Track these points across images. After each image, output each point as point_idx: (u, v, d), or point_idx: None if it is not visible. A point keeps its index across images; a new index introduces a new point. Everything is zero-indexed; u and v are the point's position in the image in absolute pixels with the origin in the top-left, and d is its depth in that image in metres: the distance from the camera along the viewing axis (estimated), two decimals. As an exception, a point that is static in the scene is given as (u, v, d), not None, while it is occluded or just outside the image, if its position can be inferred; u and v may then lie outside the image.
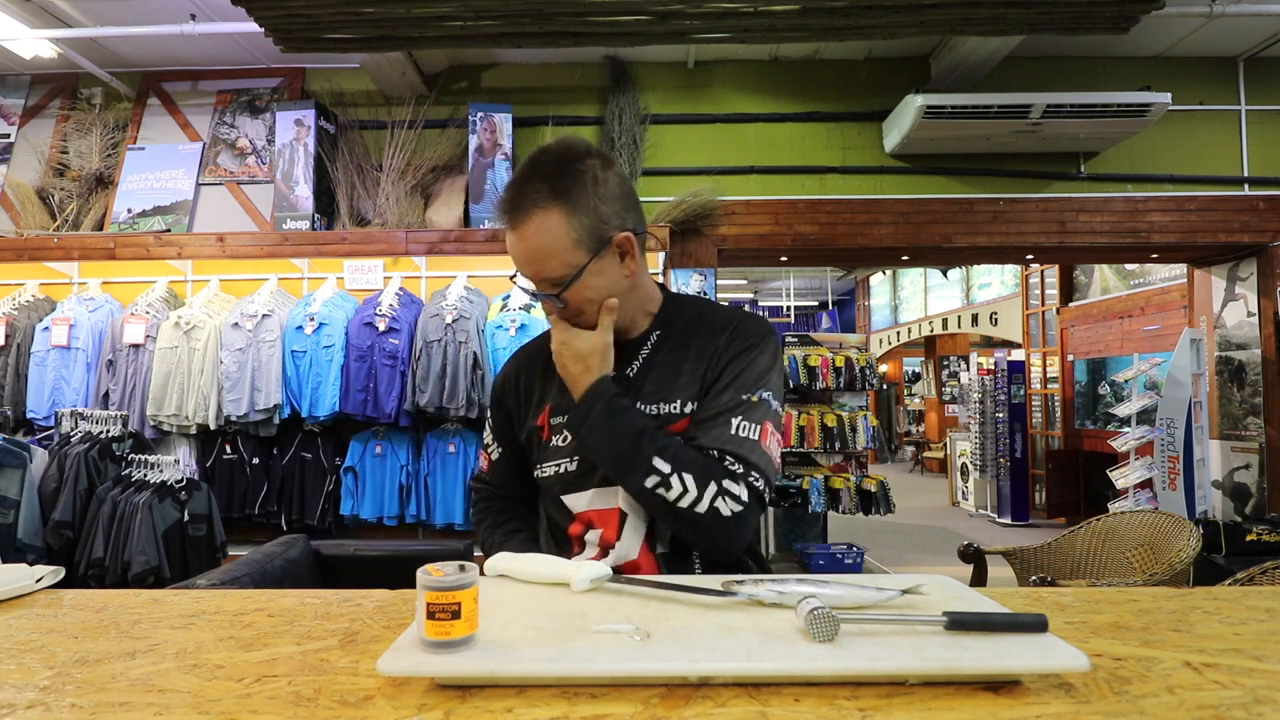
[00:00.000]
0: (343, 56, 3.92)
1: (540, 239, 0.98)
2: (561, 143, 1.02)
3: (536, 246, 0.98)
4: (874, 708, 0.57)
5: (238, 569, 1.39)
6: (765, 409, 1.03)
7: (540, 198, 0.97)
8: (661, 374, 1.09)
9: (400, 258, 3.84)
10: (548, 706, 0.57)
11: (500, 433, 1.22)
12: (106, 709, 0.59)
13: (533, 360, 1.19)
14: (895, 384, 13.44)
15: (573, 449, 1.07)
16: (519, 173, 1.01)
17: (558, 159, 1.00)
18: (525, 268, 1.01)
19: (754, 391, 1.03)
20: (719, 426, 1.01)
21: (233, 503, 3.59)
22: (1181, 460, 4.55)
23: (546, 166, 0.99)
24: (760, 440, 1.01)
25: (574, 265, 0.99)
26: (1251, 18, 3.65)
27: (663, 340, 1.12)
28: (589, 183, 0.99)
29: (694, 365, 1.08)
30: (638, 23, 3.10)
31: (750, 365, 1.05)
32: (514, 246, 1.00)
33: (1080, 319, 7.08)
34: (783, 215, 4.00)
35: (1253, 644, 0.72)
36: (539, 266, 1.00)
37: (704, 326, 1.11)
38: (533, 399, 1.16)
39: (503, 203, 1.00)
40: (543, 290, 1.03)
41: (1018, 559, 2.60)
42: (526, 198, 0.98)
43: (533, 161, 1.00)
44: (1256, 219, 4.01)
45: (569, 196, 0.98)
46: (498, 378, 1.24)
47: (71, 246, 3.79)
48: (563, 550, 1.10)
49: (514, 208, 0.99)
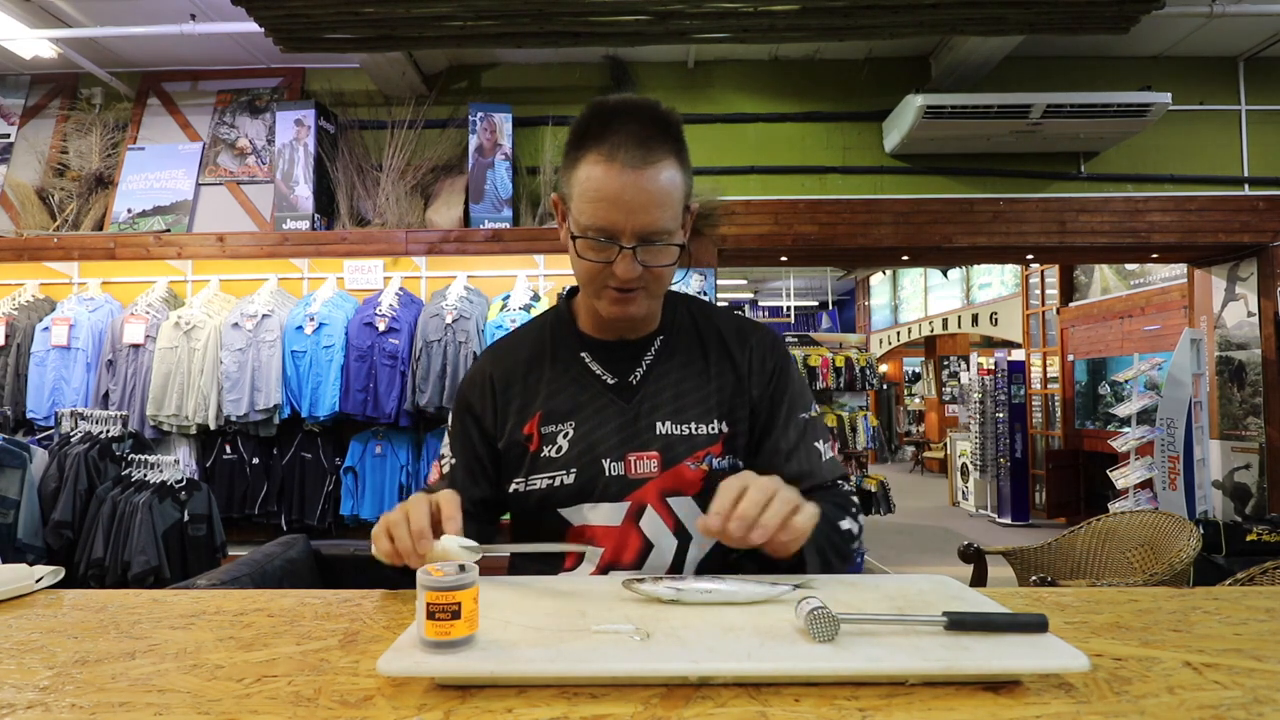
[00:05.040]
0: (343, 56, 3.92)
1: (666, 186, 0.92)
2: (657, 103, 0.95)
3: (664, 192, 0.92)
4: (874, 708, 0.57)
5: (238, 569, 1.39)
6: (819, 421, 1.11)
7: (668, 148, 0.93)
8: (679, 388, 1.04)
9: (400, 258, 3.84)
10: (548, 706, 0.57)
11: (462, 442, 1.09)
12: (106, 709, 0.59)
13: (510, 357, 1.09)
14: (895, 384, 13.44)
15: (568, 460, 1.00)
16: (630, 113, 0.92)
17: (671, 118, 0.95)
18: (640, 214, 0.91)
19: (809, 409, 1.09)
20: (811, 456, 1.05)
21: (233, 503, 3.59)
22: (1181, 460, 4.55)
23: (666, 120, 0.94)
24: (834, 453, 1.10)
25: (678, 224, 0.96)
26: (1251, 18, 3.65)
27: (667, 347, 1.07)
28: (686, 146, 0.98)
29: (717, 383, 1.05)
30: (638, 23, 3.10)
31: (792, 382, 1.09)
32: (631, 186, 0.90)
33: (1080, 319, 7.08)
34: (783, 215, 3.99)
35: (1253, 644, 0.72)
36: (657, 213, 0.92)
37: (713, 336, 1.09)
38: (512, 404, 1.06)
39: (621, 138, 0.91)
40: (635, 240, 0.93)
41: (1018, 559, 2.60)
42: (656, 140, 0.92)
43: (648, 110, 0.94)
44: (1256, 219, 4.01)
45: (683, 156, 0.96)
46: (465, 378, 1.12)
47: (71, 246, 3.79)
48: (549, 567, 1.03)
49: (645, 148, 0.91)
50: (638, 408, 1.03)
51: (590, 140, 0.93)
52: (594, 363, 1.06)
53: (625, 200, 0.91)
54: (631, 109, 0.93)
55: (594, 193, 0.92)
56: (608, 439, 1.01)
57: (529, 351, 1.09)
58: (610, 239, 0.93)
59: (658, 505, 1.01)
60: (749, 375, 1.06)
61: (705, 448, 1.01)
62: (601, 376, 1.05)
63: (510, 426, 1.05)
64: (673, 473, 1.00)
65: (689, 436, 1.02)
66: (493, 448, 1.07)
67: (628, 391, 1.04)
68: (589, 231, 0.93)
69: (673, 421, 1.02)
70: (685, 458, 1.01)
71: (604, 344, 1.07)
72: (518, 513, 1.08)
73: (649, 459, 1.00)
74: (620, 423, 1.02)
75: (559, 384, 1.05)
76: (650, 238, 0.93)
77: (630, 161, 0.90)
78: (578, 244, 0.95)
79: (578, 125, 0.95)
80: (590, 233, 0.93)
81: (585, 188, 0.93)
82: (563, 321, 1.11)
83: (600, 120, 0.93)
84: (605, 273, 0.95)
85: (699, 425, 1.02)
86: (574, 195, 0.95)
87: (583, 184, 0.93)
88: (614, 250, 0.93)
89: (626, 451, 1.01)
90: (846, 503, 1.04)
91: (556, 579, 0.95)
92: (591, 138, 0.93)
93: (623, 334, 1.07)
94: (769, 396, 1.06)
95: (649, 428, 1.02)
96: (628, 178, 0.90)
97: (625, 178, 0.90)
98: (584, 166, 0.93)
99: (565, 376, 1.06)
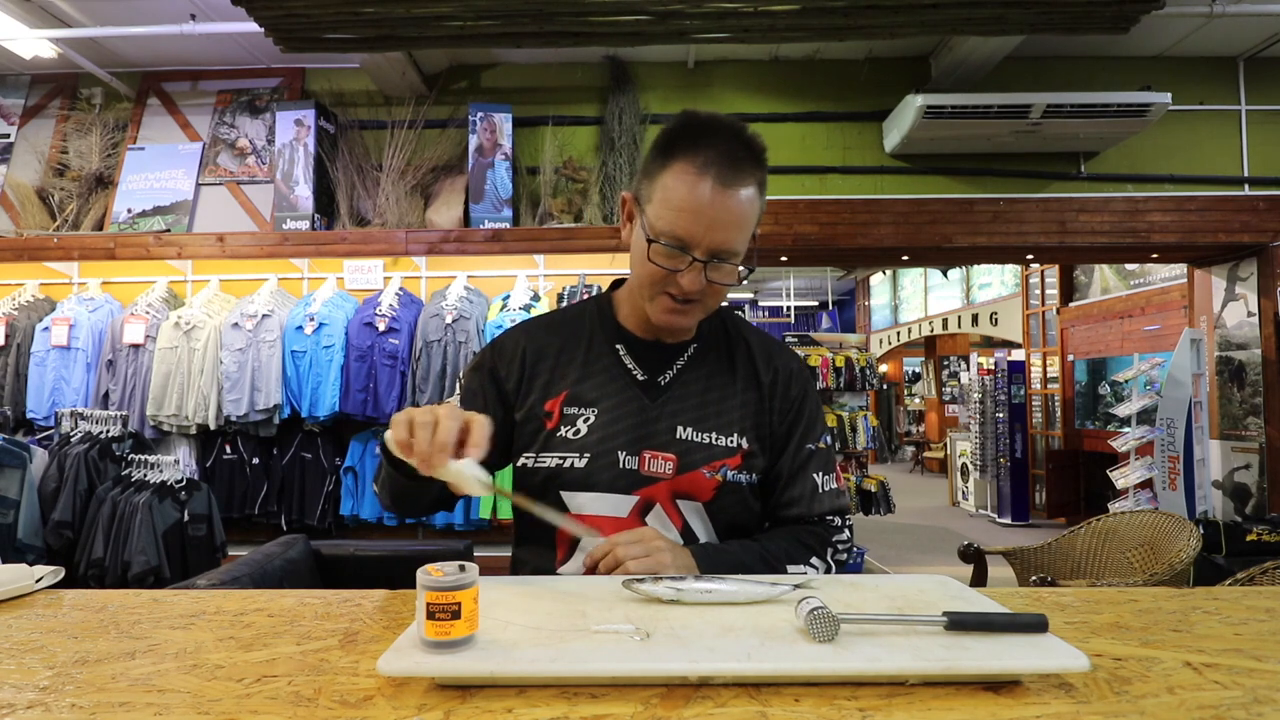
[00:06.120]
0: (343, 56, 3.92)
1: (749, 208, 0.95)
2: (746, 126, 0.98)
3: (745, 214, 0.95)
4: (874, 708, 0.57)
5: (237, 569, 1.39)
6: (829, 451, 1.13)
7: (755, 174, 0.96)
8: (704, 397, 1.06)
9: (400, 258, 3.84)
10: (548, 706, 0.57)
11: (475, 398, 1.09)
12: (106, 709, 0.59)
13: (546, 335, 1.11)
14: (895, 384, 13.44)
15: (584, 445, 1.02)
16: (725, 132, 0.95)
17: (759, 145, 0.98)
18: (718, 231, 0.93)
19: (818, 440, 1.11)
20: (805, 485, 1.08)
21: (233, 503, 3.59)
22: (1181, 460, 4.55)
23: (755, 146, 0.97)
24: (837, 484, 1.12)
25: (746, 246, 0.98)
26: (1251, 18, 3.65)
27: (701, 354, 1.09)
28: (767, 174, 1.00)
29: (742, 398, 1.07)
30: (638, 23, 3.10)
31: (808, 412, 1.10)
32: (717, 203, 0.93)
33: (1080, 319, 7.08)
34: (783, 215, 3.99)
35: (1253, 644, 0.72)
36: (734, 233, 0.95)
37: (743, 352, 1.11)
38: (540, 378, 1.07)
39: (714, 154, 0.93)
40: (708, 255, 0.95)
41: (1018, 559, 2.60)
42: (748, 164, 0.95)
43: (741, 133, 0.96)
44: (1256, 219, 4.01)
45: (764, 182, 0.99)
46: (497, 341, 1.13)
47: (71, 246, 3.79)
48: (545, 550, 1.03)
49: (737, 169, 0.93)
50: (661, 408, 1.04)
51: (681, 150, 0.95)
52: (628, 357, 1.08)
53: (708, 216, 0.93)
54: (724, 127, 0.96)
55: (679, 201, 0.94)
56: (626, 433, 1.03)
57: (567, 332, 1.11)
58: (684, 249, 0.95)
59: (667, 505, 1.02)
60: (771, 399, 1.08)
61: (722, 459, 1.03)
62: (632, 371, 1.07)
63: (533, 400, 1.06)
64: (688, 478, 1.02)
65: (708, 446, 1.03)
66: (508, 413, 1.08)
67: (655, 390, 1.06)
68: (665, 237, 0.95)
69: (694, 428, 1.04)
70: (701, 465, 1.02)
71: (640, 341, 1.10)
72: (521, 488, 1.08)
73: (665, 460, 1.02)
74: (641, 419, 1.04)
75: (590, 370, 1.07)
76: (722, 255, 0.96)
77: (721, 179, 0.93)
78: (651, 248, 0.97)
79: (668, 132, 0.98)
80: (666, 239, 0.95)
81: (670, 195, 0.94)
82: (603, 312, 1.13)
83: (693, 131, 0.95)
84: (669, 280, 0.97)
85: (719, 436, 1.04)
86: (655, 199, 0.97)
87: (668, 190, 0.95)
88: (685, 260, 0.95)
89: (642, 448, 1.02)
90: (820, 543, 1.06)
91: (556, 579, 0.96)
92: (683, 148, 0.95)
93: (661, 336, 1.09)
94: (787, 423, 1.09)
95: (669, 430, 1.03)
96: (716, 194, 0.93)
97: (713, 194, 0.93)
98: (672, 174, 0.95)
99: (597, 364, 1.08)
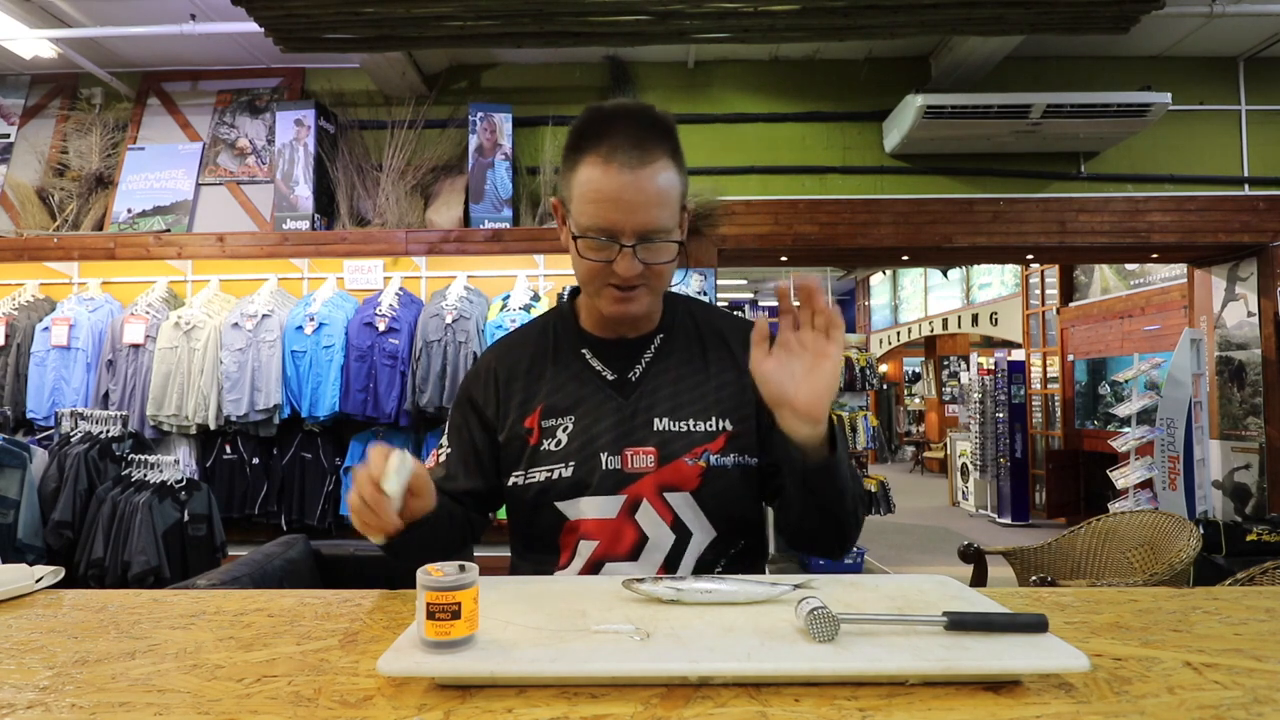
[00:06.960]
0: (343, 56, 3.92)
1: (664, 186, 0.95)
2: (651, 107, 0.99)
3: (661, 191, 0.95)
4: (874, 708, 0.57)
5: (237, 569, 1.39)
6: None
7: (664, 149, 0.96)
8: (677, 386, 1.06)
9: (400, 258, 3.84)
10: (548, 706, 0.57)
11: (461, 434, 1.10)
12: (106, 709, 0.59)
13: (515, 352, 1.12)
14: (895, 384, 13.44)
15: (567, 453, 1.02)
16: (626, 117, 0.96)
17: (666, 121, 0.98)
18: (639, 213, 0.94)
19: None
20: None
21: (233, 503, 3.59)
22: (1181, 460, 4.55)
23: (661, 123, 0.97)
24: None
25: (675, 222, 0.99)
26: (1251, 18, 3.64)
27: (666, 346, 1.09)
28: (681, 148, 1.00)
29: (718, 380, 1.06)
30: (638, 23, 3.10)
31: None
32: (630, 186, 0.93)
33: (1080, 319, 7.08)
34: (783, 215, 3.99)
35: (1253, 644, 0.72)
36: (656, 211, 0.95)
37: (714, 335, 1.11)
38: (515, 397, 1.07)
39: (618, 140, 0.94)
40: (635, 239, 0.95)
41: (1018, 559, 2.60)
42: (652, 142, 0.95)
43: (643, 113, 0.97)
44: (1256, 219, 4.01)
45: (679, 157, 0.99)
46: (471, 371, 1.14)
47: (71, 246, 3.79)
48: (545, 561, 1.04)
49: (641, 149, 0.94)
50: (635, 404, 1.04)
51: (587, 144, 0.96)
52: (594, 359, 1.08)
53: (624, 200, 0.94)
54: (626, 113, 0.97)
55: (593, 194, 0.95)
56: (605, 433, 1.03)
57: (532, 348, 1.11)
58: (611, 238, 0.95)
59: (655, 500, 1.01)
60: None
61: (703, 444, 1.02)
62: (601, 373, 1.07)
63: (512, 420, 1.07)
64: (670, 468, 1.01)
65: (686, 433, 1.03)
66: (492, 440, 1.09)
67: (626, 388, 1.06)
68: (589, 231, 0.96)
69: (670, 418, 1.04)
70: (683, 454, 1.02)
71: (604, 341, 1.09)
72: (515, 506, 1.08)
73: (645, 454, 1.02)
74: (618, 418, 1.04)
75: (560, 379, 1.08)
76: (649, 235, 0.96)
77: (628, 162, 0.93)
78: (579, 244, 0.97)
79: (574, 130, 0.98)
80: (591, 233, 0.96)
81: (584, 189, 0.95)
82: (565, 320, 1.13)
83: (596, 124, 0.96)
84: (606, 271, 0.97)
85: (697, 422, 1.04)
86: (574, 197, 0.98)
87: (582, 186, 0.96)
88: (614, 249, 0.96)
89: (623, 446, 1.02)
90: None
91: (556, 579, 0.96)
92: (588, 141, 0.96)
93: (623, 332, 1.09)
94: None
95: (646, 424, 1.03)
96: (626, 178, 0.93)
97: (623, 178, 0.93)
98: (582, 169, 0.96)
99: (567, 372, 1.08)
